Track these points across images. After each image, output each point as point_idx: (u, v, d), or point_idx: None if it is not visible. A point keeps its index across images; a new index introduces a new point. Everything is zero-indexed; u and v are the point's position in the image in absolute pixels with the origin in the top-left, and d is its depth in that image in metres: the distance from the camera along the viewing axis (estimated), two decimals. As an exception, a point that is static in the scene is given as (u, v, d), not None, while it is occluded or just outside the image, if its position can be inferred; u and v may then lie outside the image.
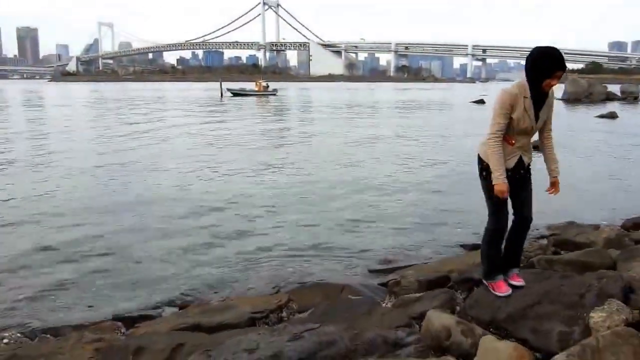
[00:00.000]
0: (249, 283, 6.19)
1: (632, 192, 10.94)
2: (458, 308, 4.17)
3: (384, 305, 4.76)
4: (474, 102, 50.95)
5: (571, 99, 47.31)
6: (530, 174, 3.89)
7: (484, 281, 4.03)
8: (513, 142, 3.69)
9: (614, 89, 53.16)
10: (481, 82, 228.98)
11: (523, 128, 3.62)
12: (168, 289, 5.99)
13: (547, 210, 9.23)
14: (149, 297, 5.79)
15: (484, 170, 3.78)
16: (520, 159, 3.75)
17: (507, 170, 3.68)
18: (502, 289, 3.88)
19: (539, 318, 3.57)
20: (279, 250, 7.32)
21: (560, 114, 33.15)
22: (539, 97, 3.61)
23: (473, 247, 6.98)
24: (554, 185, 3.92)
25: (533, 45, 3.83)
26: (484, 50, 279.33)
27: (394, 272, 5.93)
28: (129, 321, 4.97)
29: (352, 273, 6.39)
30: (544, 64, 3.47)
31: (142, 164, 14.69)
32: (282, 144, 20.03)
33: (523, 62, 3.97)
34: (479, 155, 3.86)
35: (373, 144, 19.60)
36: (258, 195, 10.98)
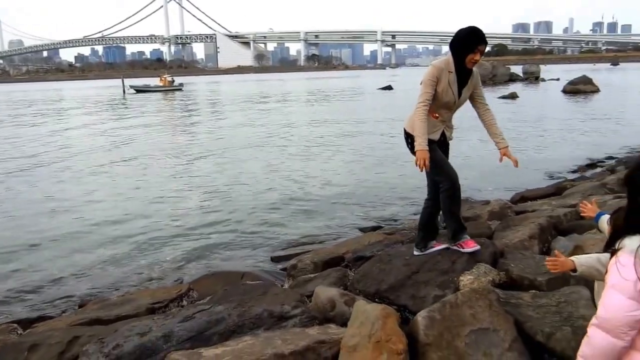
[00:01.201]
0: (152, 277, 6.21)
1: (524, 168, 11.78)
2: (349, 284, 4.44)
3: (281, 287, 4.95)
4: (382, 88, 52.36)
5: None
6: (448, 151, 4.21)
7: (452, 244, 4.21)
8: (436, 115, 3.96)
9: (517, 70, 56.07)
10: (391, 68, 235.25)
11: (446, 101, 3.88)
12: (68, 291, 5.90)
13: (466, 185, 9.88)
14: (48, 299, 5.69)
15: (412, 142, 3.98)
16: (444, 133, 4.05)
17: (433, 141, 3.95)
18: (470, 245, 4.12)
19: (417, 285, 3.90)
20: (182, 242, 7.38)
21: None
22: (463, 74, 3.88)
23: (372, 229, 7.37)
24: (505, 155, 4.08)
25: (440, 30, 4.16)
26: (393, 36, 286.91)
27: (295, 257, 6.15)
28: (27, 322, 4.87)
29: (255, 260, 6.56)
30: (466, 40, 3.76)
31: (32, 170, 14.04)
32: (189, 138, 19.80)
33: (431, 47, 4.33)
34: (405, 129, 4.08)
35: (281, 134, 19.81)
36: (163, 187, 10.90)
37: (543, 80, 53.45)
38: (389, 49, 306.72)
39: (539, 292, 3.58)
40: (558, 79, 50.63)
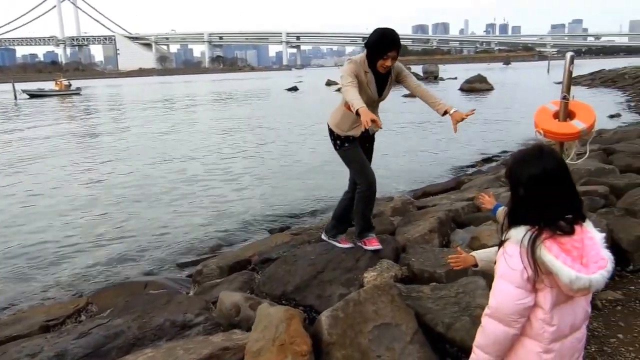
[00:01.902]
0: (48, 292, 5.80)
1: (427, 164, 12.27)
2: (255, 288, 4.36)
3: (186, 294, 4.79)
4: (288, 89, 52.55)
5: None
6: (373, 146, 4.23)
7: (357, 241, 4.26)
8: None
9: (418, 69, 58.27)
10: (297, 69, 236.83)
11: (366, 98, 3.70)
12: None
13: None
14: None
15: (337, 139, 3.97)
16: (366, 129, 3.78)
17: (354, 137, 3.91)
18: (373, 243, 4.17)
19: (322, 285, 3.91)
20: (81, 255, 6.98)
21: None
22: (381, 75, 3.79)
23: (280, 230, 7.34)
24: (454, 117, 3.69)
25: (344, 31, 4.11)
26: (298, 37, 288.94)
27: (201, 262, 5.97)
28: None
29: (160, 268, 6.33)
30: (376, 45, 3.64)
31: None
32: (88, 144, 18.76)
33: (335, 48, 4.27)
34: (329, 126, 4.02)
35: (185, 137, 19.28)
36: (59, 197, 10.24)
37: (442, 79, 55.96)
38: (294, 50, 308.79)
39: (439, 284, 3.70)
40: (456, 78, 53.22)
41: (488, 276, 3.79)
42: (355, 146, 3.96)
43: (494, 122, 19.55)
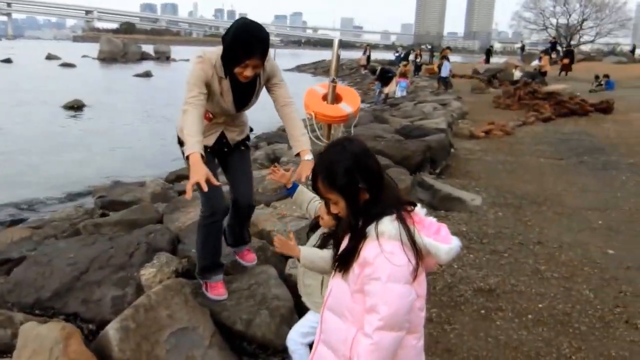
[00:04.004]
0: None
1: (169, 147, 11.68)
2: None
3: None
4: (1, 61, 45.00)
5: (108, 59, 47.35)
6: (247, 152, 3.22)
7: (199, 279, 3.19)
8: (211, 116, 2.94)
9: (149, 49, 55.88)
10: (8, 39, 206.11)
11: (218, 110, 2.88)
12: None
13: (90, 172, 8.99)
14: None
15: (183, 145, 2.89)
16: (223, 135, 3.02)
17: (207, 147, 2.88)
18: (217, 291, 3.08)
19: (88, 287, 3.29)
20: None
21: (98, 74, 32.86)
22: (242, 84, 2.77)
23: (12, 223, 6.12)
24: (302, 166, 2.75)
25: (64, 2, 3.19)
26: (9, 4, 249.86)
27: None
28: None
29: None
30: (231, 48, 2.61)
31: None
32: None
33: (54, 20, 3.35)
34: (177, 134, 3.05)
35: None
36: None
37: (174, 60, 54.91)
38: (5, 19, 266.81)
39: (227, 276, 3.45)
40: (188, 60, 52.68)
41: (279, 266, 3.73)
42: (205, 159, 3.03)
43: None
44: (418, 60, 28.99)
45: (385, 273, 1.57)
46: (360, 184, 1.65)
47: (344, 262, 1.69)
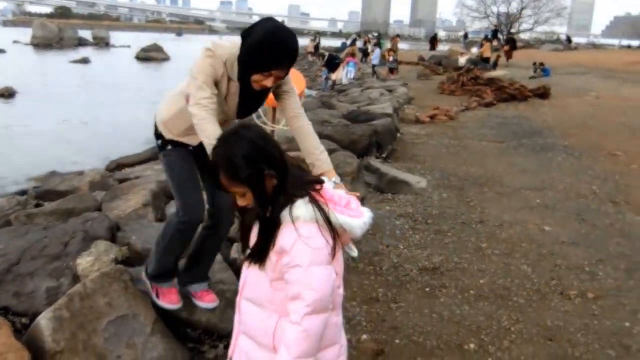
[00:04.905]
0: None
1: (110, 135, 11.33)
2: None
3: None
4: None
5: (42, 44, 45.16)
6: None
7: (148, 282, 2.86)
8: None
9: (86, 34, 53.75)
10: None
11: (219, 115, 2.40)
12: None
13: (24, 163, 8.58)
14: None
15: (164, 144, 2.68)
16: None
17: (189, 145, 2.64)
18: (170, 299, 2.79)
19: (20, 279, 3.13)
20: None
21: (31, 61, 31.35)
22: (253, 89, 2.39)
23: None
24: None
25: None
26: None
27: None
28: None
29: None
30: (258, 53, 2.21)
31: None
32: None
33: None
34: (155, 124, 2.74)
35: None
36: None
37: (114, 46, 53.12)
38: None
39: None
40: (129, 46, 51.09)
41: (225, 250, 3.66)
42: (184, 156, 2.66)
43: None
44: (367, 47, 29.17)
45: (305, 259, 1.53)
46: (266, 171, 1.58)
47: (259, 253, 1.63)
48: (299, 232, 1.53)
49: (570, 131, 9.57)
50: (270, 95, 2.93)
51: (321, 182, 1.67)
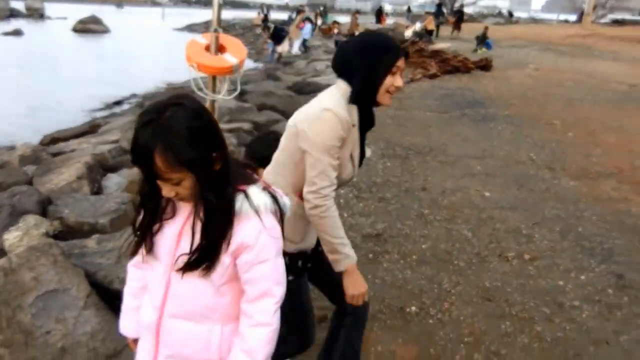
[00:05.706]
0: None
1: (47, 109, 10.82)
2: None
3: None
4: None
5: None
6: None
7: None
8: None
9: (19, 5, 50.85)
10: None
11: (342, 179, 1.94)
12: None
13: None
14: None
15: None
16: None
17: (307, 251, 2.07)
18: None
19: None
20: None
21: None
22: (367, 121, 1.96)
23: None
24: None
25: None
26: None
27: None
28: None
29: None
30: (374, 57, 1.83)
31: None
32: None
33: None
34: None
35: None
36: None
37: (49, 18, 50.56)
38: None
39: (104, 235, 3.23)
40: (66, 18, 48.73)
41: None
42: (304, 281, 2.13)
43: (115, 66, 18.58)
44: (318, 22, 28.79)
45: (272, 252, 1.37)
46: (215, 153, 1.29)
47: (208, 258, 1.32)
48: (264, 223, 1.33)
49: (510, 102, 9.80)
50: (208, 63, 2.81)
51: (252, 165, 1.54)
